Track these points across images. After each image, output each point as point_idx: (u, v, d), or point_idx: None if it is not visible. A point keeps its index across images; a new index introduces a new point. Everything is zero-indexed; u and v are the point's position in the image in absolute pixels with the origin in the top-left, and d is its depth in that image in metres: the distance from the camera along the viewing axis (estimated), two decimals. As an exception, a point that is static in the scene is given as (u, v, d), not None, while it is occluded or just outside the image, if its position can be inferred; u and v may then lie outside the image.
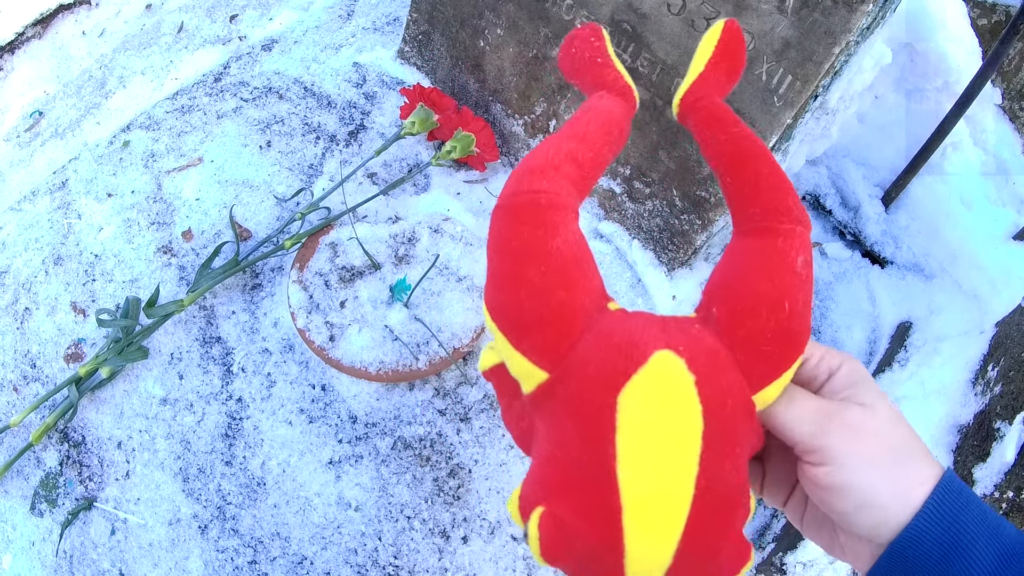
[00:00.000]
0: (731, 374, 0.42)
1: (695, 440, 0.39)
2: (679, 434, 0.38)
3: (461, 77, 1.47)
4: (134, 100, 1.77)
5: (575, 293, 0.43)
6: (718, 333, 0.43)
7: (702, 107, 0.50)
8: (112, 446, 1.23)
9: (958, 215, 1.43)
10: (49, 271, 1.36)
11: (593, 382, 0.40)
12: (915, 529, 0.42)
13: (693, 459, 0.38)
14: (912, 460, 0.44)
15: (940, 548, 0.42)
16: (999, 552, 0.41)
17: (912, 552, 0.42)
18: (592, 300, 0.44)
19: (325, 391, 1.21)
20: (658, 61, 1.18)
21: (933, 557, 0.42)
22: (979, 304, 1.36)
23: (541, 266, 0.43)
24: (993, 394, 1.15)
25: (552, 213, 0.44)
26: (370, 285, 1.19)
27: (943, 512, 0.42)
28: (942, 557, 0.42)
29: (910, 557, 0.43)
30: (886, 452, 0.44)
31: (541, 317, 0.43)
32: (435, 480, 1.17)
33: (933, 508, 0.42)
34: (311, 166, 1.42)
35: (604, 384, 0.40)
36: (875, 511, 0.43)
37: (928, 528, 0.42)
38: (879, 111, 1.52)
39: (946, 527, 0.42)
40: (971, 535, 0.42)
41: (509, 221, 0.44)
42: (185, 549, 1.18)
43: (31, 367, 1.30)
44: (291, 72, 1.58)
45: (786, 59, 1.05)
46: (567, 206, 0.45)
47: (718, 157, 0.49)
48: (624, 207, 1.34)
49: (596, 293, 0.45)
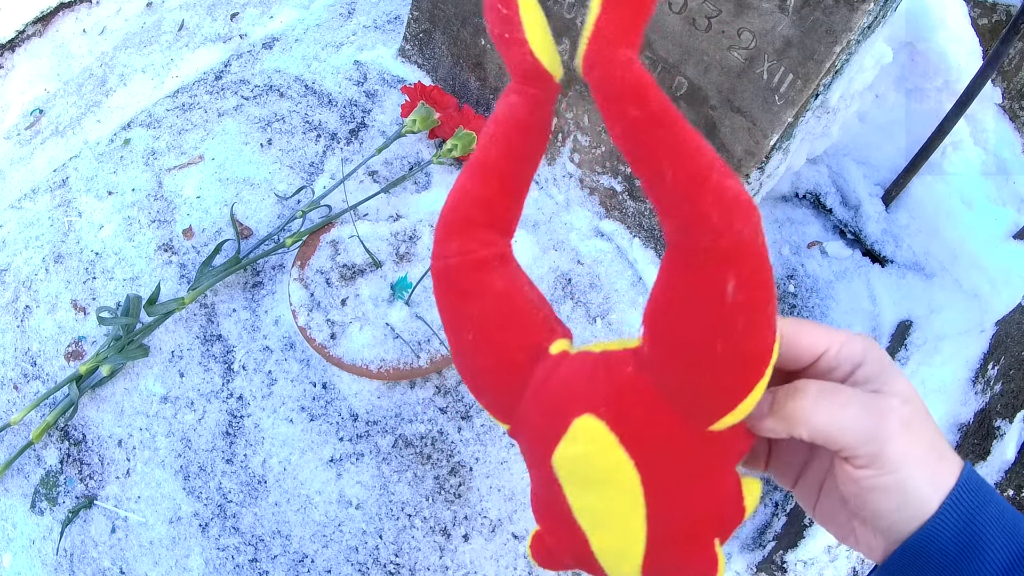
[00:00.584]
0: (665, 419, 0.40)
1: (633, 489, 0.39)
2: (614, 488, 0.40)
3: (462, 75, 1.47)
4: (135, 98, 1.77)
5: (505, 353, 0.43)
6: (653, 373, 0.40)
7: (602, 73, 0.37)
8: (113, 444, 1.23)
9: (958, 214, 1.43)
10: (49, 269, 1.35)
11: (533, 442, 0.43)
12: (933, 527, 0.41)
13: (637, 504, 0.39)
14: (945, 455, 0.42)
15: (956, 546, 0.41)
16: (1014, 552, 0.40)
17: (928, 549, 0.41)
18: (526, 353, 0.43)
19: (326, 389, 1.21)
20: (659, 60, 1.18)
21: (949, 555, 0.41)
22: (979, 303, 1.36)
23: (468, 333, 0.43)
24: (993, 392, 1.15)
25: (465, 276, 0.42)
26: (371, 283, 1.19)
27: (961, 510, 0.41)
28: (957, 555, 0.41)
29: (925, 553, 0.42)
30: (929, 449, 0.42)
31: (480, 380, 0.44)
32: (436, 478, 1.17)
33: (952, 506, 0.41)
34: (312, 164, 1.42)
35: (540, 446, 0.42)
36: (913, 508, 0.42)
37: (945, 526, 0.41)
38: (880, 110, 1.52)
39: (963, 526, 0.41)
40: (988, 534, 0.41)
41: (436, 288, 0.44)
42: (186, 547, 1.18)
43: (31, 365, 1.30)
44: (292, 70, 1.58)
45: (787, 58, 1.06)
46: (483, 260, 0.42)
47: (619, 145, 0.38)
48: (625, 205, 1.34)
49: (531, 342, 0.43)
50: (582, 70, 0.38)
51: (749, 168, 1.16)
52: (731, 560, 1.19)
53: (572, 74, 1.29)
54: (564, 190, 1.42)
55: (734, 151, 1.16)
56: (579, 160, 1.36)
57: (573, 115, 1.33)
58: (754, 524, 1.22)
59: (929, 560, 0.41)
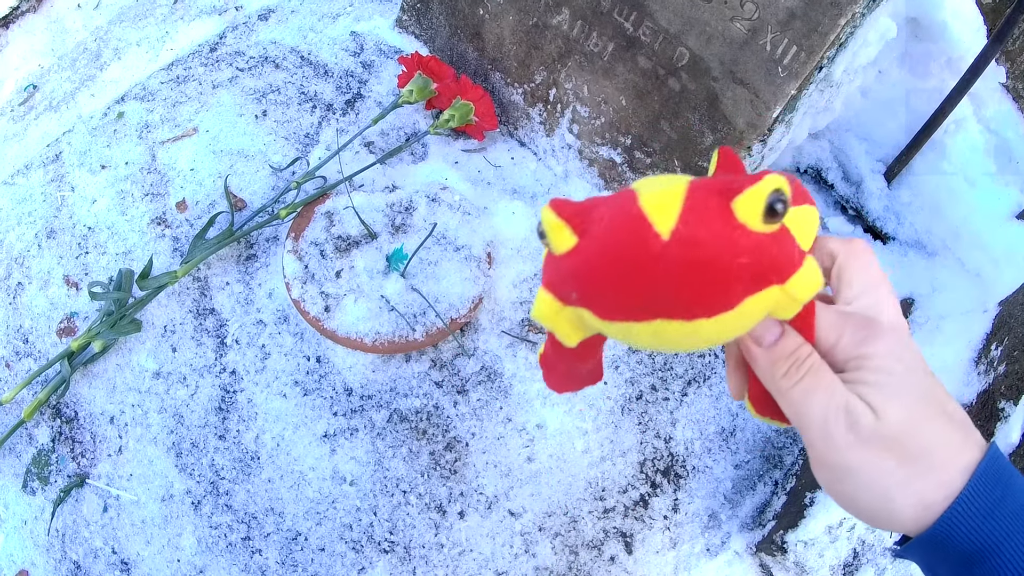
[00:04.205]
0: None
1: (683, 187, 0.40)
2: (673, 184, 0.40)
3: (460, 46, 1.45)
4: (129, 71, 1.75)
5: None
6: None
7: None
8: (104, 421, 1.22)
9: (961, 193, 1.42)
10: (42, 245, 1.34)
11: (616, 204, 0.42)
12: (950, 520, 0.42)
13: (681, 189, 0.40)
14: (965, 425, 0.44)
15: (971, 544, 0.41)
16: None
17: (946, 542, 0.42)
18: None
19: (320, 363, 1.20)
20: (660, 30, 1.16)
21: (964, 549, 0.41)
22: (982, 283, 1.35)
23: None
24: (997, 374, 1.14)
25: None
26: (366, 255, 1.18)
27: (980, 503, 0.41)
28: (973, 552, 0.41)
29: (941, 546, 0.42)
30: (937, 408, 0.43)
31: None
32: (431, 454, 1.16)
33: (971, 496, 0.41)
34: (307, 135, 1.40)
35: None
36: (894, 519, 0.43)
37: (963, 520, 0.41)
38: (883, 86, 1.51)
39: (981, 522, 0.41)
40: (1004, 534, 0.41)
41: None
42: (178, 526, 1.17)
43: (23, 342, 1.29)
44: (288, 41, 1.56)
45: (791, 30, 1.04)
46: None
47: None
48: (625, 176, 1.33)
49: None
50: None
51: (751, 140, 1.15)
52: (729, 539, 1.18)
53: (572, 44, 1.27)
54: (563, 161, 1.40)
55: (736, 123, 1.15)
56: (578, 131, 1.35)
57: (572, 85, 1.31)
58: (753, 503, 1.21)
59: (945, 553, 0.42)
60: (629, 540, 1.16)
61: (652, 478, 1.19)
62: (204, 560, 1.15)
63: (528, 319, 1.23)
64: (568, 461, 1.17)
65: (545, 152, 1.43)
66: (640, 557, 1.16)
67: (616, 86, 1.26)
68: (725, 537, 1.19)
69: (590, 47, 1.25)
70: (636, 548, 1.16)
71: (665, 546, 1.17)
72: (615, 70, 1.24)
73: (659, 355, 1.24)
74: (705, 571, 1.17)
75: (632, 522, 1.17)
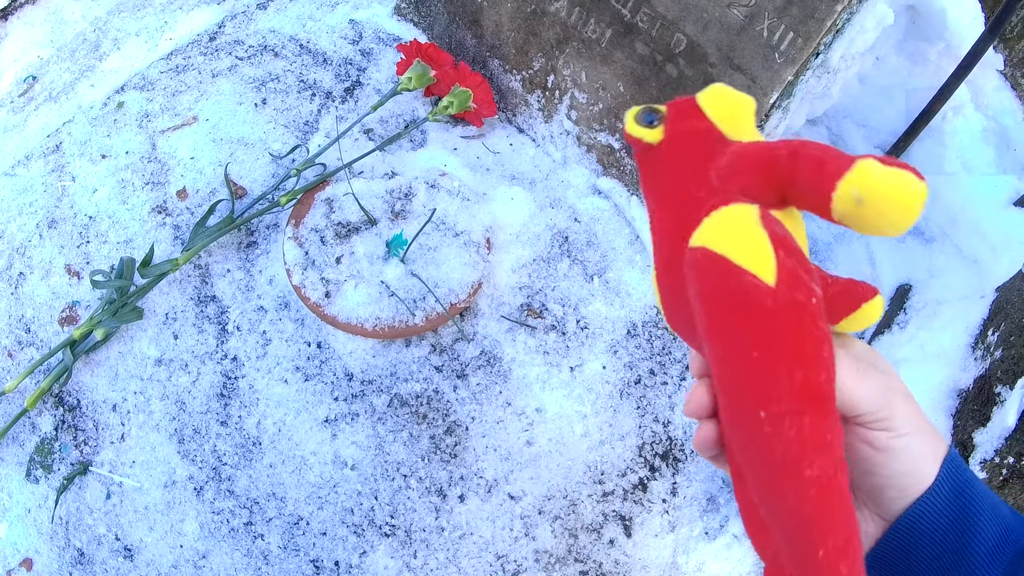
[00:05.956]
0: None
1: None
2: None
3: (459, 32, 1.45)
4: (128, 61, 1.75)
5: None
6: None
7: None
8: (107, 409, 1.23)
9: (959, 179, 1.43)
10: (43, 234, 1.34)
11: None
12: (929, 499, 0.45)
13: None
14: (935, 432, 0.47)
15: (947, 520, 0.45)
16: (1000, 529, 0.44)
17: (922, 522, 0.45)
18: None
19: (321, 348, 1.21)
20: (658, 16, 1.16)
21: (940, 528, 0.45)
22: (979, 269, 1.35)
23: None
24: (993, 359, 1.14)
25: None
26: (366, 241, 1.18)
27: (952, 484, 0.45)
28: (948, 528, 0.45)
29: (919, 528, 0.45)
30: (925, 423, 0.47)
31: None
32: (432, 438, 1.16)
33: (945, 479, 0.45)
34: (307, 123, 1.40)
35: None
36: (916, 475, 0.45)
37: (939, 498, 0.45)
38: (880, 72, 1.51)
39: (953, 498, 0.45)
40: (976, 508, 0.45)
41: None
42: (181, 511, 1.17)
43: (25, 332, 1.29)
44: (287, 30, 1.56)
45: (788, 15, 1.05)
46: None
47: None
48: (623, 163, 1.33)
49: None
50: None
51: (748, 126, 1.15)
52: (728, 522, 1.19)
53: (570, 31, 1.27)
54: (561, 147, 1.41)
55: (733, 109, 1.15)
56: (576, 117, 1.35)
57: (570, 72, 1.31)
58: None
59: (923, 535, 0.45)
60: (628, 523, 1.17)
61: (651, 462, 1.19)
62: (207, 545, 1.16)
63: (527, 304, 1.24)
64: (567, 445, 1.17)
65: (544, 138, 1.43)
66: (639, 540, 1.16)
67: (614, 72, 1.26)
68: (723, 520, 1.19)
69: (588, 33, 1.26)
70: (635, 531, 1.17)
71: (664, 529, 1.17)
72: (613, 56, 1.25)
73: (657, 340, 1.25)
74: (703, 554, 1.18)
75: (631, 505, 1.17)
